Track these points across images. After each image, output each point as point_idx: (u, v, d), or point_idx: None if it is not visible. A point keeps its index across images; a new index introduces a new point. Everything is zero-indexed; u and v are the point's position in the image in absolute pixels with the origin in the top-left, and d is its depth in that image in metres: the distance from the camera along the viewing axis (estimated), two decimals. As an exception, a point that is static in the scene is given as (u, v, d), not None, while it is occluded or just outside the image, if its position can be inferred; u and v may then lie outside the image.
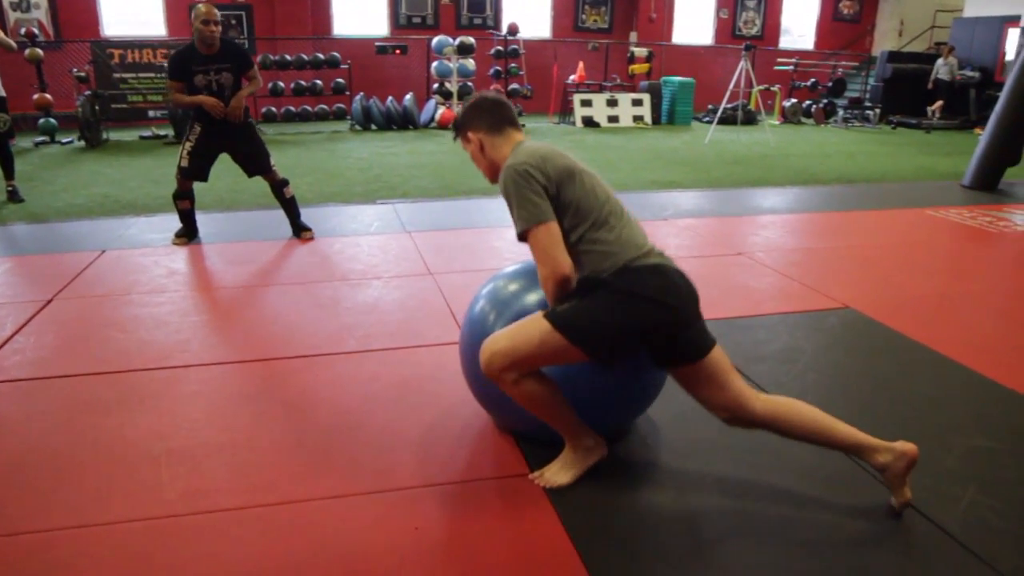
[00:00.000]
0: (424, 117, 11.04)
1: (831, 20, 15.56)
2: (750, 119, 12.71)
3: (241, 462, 2.24)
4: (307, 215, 4.99)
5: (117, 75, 9.50)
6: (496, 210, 5.64)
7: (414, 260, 4.34)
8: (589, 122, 11.88)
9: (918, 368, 3.07)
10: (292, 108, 10.71)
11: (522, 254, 2.23)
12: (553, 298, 1.96)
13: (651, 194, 6.61)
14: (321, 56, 10.61)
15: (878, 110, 13.37)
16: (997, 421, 2.61)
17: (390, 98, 10.78)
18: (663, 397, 2.35)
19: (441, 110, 10.99)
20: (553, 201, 1.95)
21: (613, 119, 12.15)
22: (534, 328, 1.90)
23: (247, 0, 11.45)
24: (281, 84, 10.54)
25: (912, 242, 5.16)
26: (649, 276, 1.91)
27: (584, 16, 13.79)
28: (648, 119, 12.37)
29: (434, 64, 11.19)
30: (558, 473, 2.10)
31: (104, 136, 9.35)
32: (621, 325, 1.88)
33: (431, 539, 1.91)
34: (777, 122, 13.21)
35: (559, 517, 1.98)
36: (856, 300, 3.81)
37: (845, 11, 15.63)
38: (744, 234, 5.22)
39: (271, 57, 10.42)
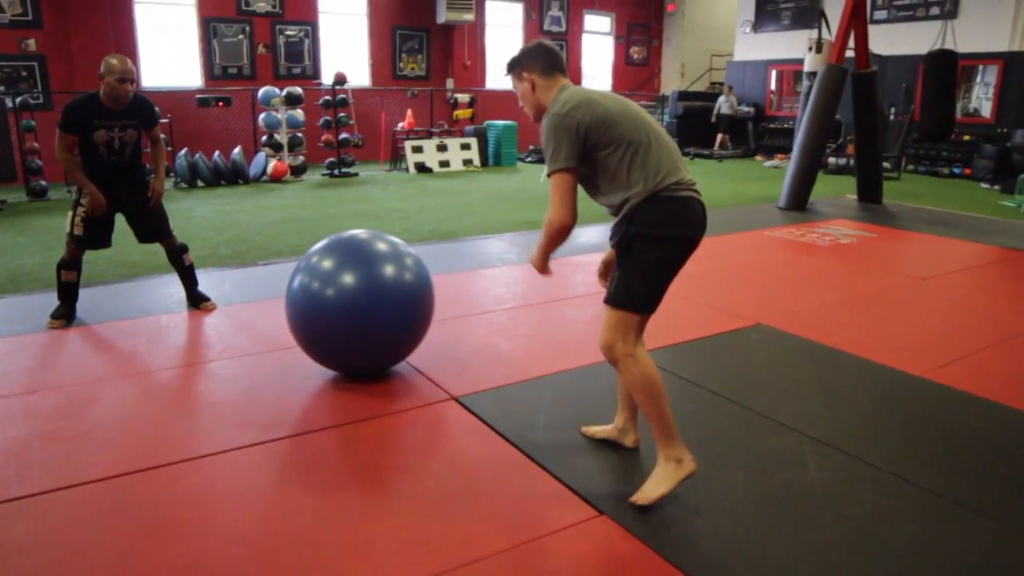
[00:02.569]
0: (254, 170, 10.58)
1: (624, 64, 17.05)
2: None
3: None
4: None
5: None
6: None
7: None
8: (422, 168, 12.03)
9: (843, 366, 3.54)
10: (106, 168, 9.79)
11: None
12: (549, 237, 2.30)
13: (527, 234, 6.87)
14: (137, 111, 9.83)
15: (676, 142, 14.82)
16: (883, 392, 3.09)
17: (216, 152, 10.22)
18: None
19: (272, 163, 10.60)
20: (587, 141, 2.21)
21: (444, 163, 12.41)
22: (611, 317, 2.28)
23: (39, 51, 10.35)
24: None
25: (768, 261, 5.84)
26: (678, 208, 2.24)
27: (402, 64, 13.99)
28: (477, 162, 12.77)
29: (262, 116, 10.78)
30: (654, 488, 2.28)
31: None
32: (660, 272, 2.26)
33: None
34: (591, 159, 14.17)
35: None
36: (761, 317, 4.27)
37: (635, 56, 17.21)
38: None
39: (76, 114, 9.48)
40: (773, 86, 15.18)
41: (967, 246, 6.43)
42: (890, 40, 12.57)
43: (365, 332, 3.11)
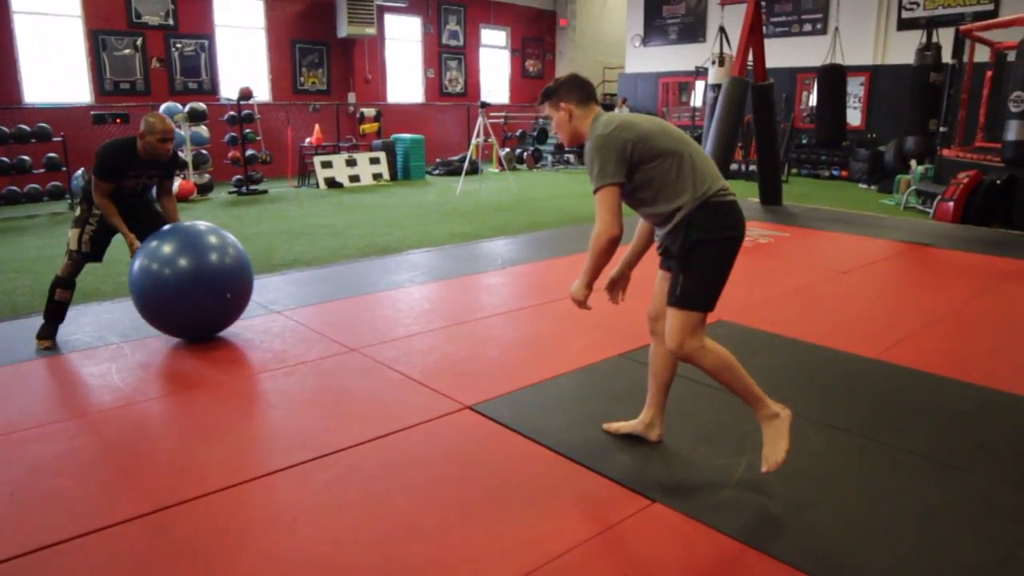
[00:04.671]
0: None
1: (520, 77, 17.44)
2: (474, 169, 13.72)
3: None
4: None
5: None
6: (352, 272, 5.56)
7: (317, 340, 4.15)
8: (332, 183, 11.86)
9: (806, 354, 3.88)
10: (-6, 191, 9.08)
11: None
12: (598, 251, 2.43)
13: (465, 246, 6.97)
14: (27, 128, 9.17)
15: (574, 154, 15.33)
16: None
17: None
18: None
19: (178, 181, 10.15)
20: (633, 156, 2.38)
21: (354, 178, 12.29)
22: (679, 319, 2.44)
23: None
24: (-26, 164, 8.88)
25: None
26: (729, 212, 2.45)
27: (302, 79, 13.72)
28: (387, 176, 12.72)
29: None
30: (773, 450, 2.45)
31: None
32: (722, 271, 2.47)
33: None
34: (497, 170, 14.41)
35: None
36: (720, 314, 4.57)
37: (531, 69, 17.65)
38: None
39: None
40: (660, 96, 15.99)
41: (870, 241, 7.08)
42: (769, 53, 13.53)
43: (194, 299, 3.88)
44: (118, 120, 10.13)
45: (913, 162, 10.26)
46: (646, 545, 2.26)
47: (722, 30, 9.15)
